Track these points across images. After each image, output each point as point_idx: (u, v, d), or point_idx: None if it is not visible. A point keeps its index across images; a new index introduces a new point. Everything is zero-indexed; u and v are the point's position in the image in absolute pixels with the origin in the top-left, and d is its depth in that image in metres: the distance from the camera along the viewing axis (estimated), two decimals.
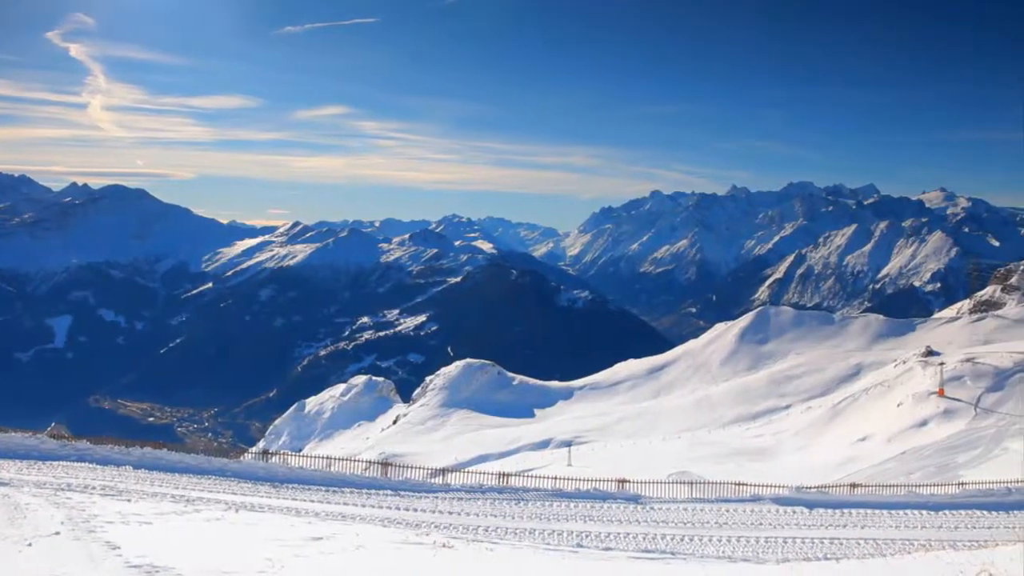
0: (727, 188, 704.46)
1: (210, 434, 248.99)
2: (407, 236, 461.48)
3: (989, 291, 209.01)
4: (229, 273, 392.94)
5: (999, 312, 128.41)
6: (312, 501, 22.10)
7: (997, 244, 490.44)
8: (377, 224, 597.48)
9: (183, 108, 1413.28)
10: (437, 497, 24.39)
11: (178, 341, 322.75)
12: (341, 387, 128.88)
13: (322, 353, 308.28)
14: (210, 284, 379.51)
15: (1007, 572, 8.74)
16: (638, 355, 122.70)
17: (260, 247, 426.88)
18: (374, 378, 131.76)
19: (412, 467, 35.35)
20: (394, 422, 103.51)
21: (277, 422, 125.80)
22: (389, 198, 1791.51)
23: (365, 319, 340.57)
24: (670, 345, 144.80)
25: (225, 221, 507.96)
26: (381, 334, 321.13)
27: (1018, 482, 31.36)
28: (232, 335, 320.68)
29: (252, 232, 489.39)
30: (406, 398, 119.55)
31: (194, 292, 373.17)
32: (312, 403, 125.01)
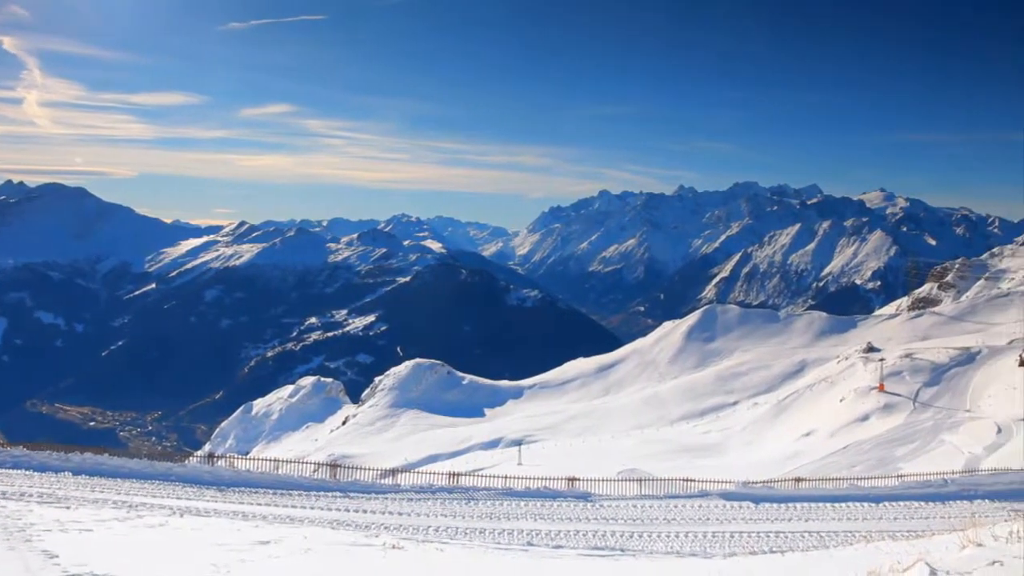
0: (675, 188, 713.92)
1: (154, 438, 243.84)
2: (355, 236, 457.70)
3: (926, 289, 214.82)
4: (173, 273, 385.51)
5: (936, 309, 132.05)
6: (259, 504, 21.75)
7: (934, 243, 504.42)
8: (325, 224, 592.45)
9: (124, 105, 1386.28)
10: (387, 498, 24.21)
11: (120, 343, 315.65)
12: (289, 388, 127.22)
13: (269, 354, 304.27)
14: (153, 285, 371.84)
15: (942, 560, 8.93)
16: (587, 354, 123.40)
17: (205, 247, 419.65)
18: (323, 379, 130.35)
19: (361, 468, 35.04)
20: (343, 423, 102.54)
21: (223, 425, 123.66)
22: (337, 197, 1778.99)
23: (313, 320, 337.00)
24: (619, 343, 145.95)
25: (169, 220, 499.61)
26: (329, 334, 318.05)
27: (954, 473, 32.25)
28: (177, 337, 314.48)
29: (197, 232, 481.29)
30: (355, 399, 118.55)
31: (137, 293, 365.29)
32: (259, 405, 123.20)
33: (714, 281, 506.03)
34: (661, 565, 15.87)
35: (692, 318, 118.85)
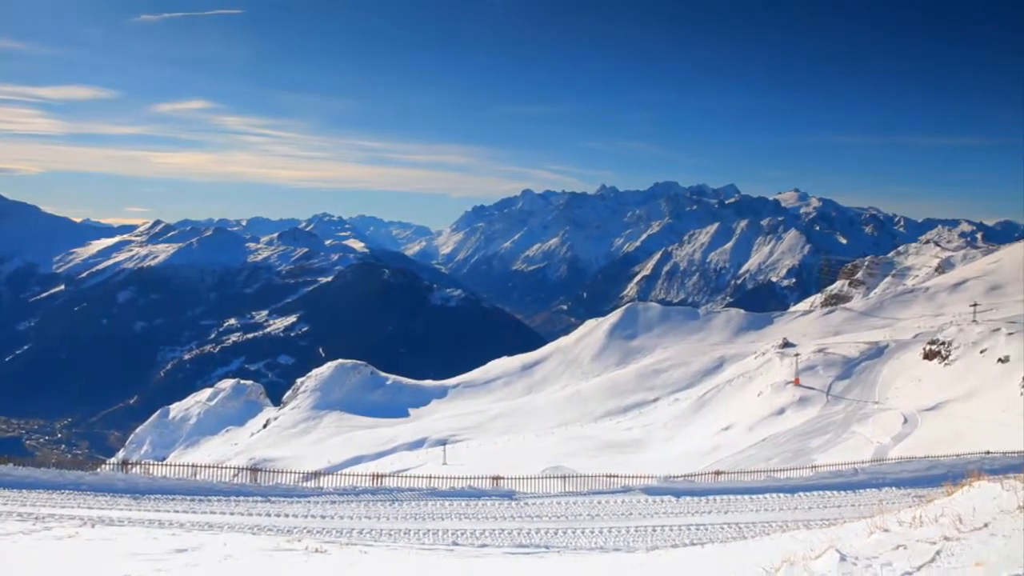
0: (596, 187, 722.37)
1: (63, 446, 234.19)
2: (276, 235, 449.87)
3: (838, 286, 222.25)
4: (84, 275, 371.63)
5: (847, 305, 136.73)
6: (176, 512, 21.16)
7: (845, 241, 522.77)
8: (244, 223, 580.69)
9: (29, 98, 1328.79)
10: (309, 501, 23.84)
11: (26, 347, 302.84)
12: (208, 392, 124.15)
13: (187, 357, 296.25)
14: (62, 286, 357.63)
15: (851, 547, 9.28)
16: (511, 352, 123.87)
17: (118, 247, 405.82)
18: (242, 381, 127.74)
19: (283, 472, 34.43)
20: (264, 426, 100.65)
21: (138, 430, 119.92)
22: (257, 196, 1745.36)
23: (232, 321, 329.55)
24: (543, 342, 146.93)
25: (78, 220, 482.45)
26: (249, 336, 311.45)
27: (864, 463, 33.47)
28: (87, 340, 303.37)
29: (109, 231, 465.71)
30: (276, 401, 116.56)
31: (44, 295, 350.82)
32: (176, 409, 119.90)
33: (636, 279, 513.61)
34: (585, 561, 16.03)
35: (614, 316, 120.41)
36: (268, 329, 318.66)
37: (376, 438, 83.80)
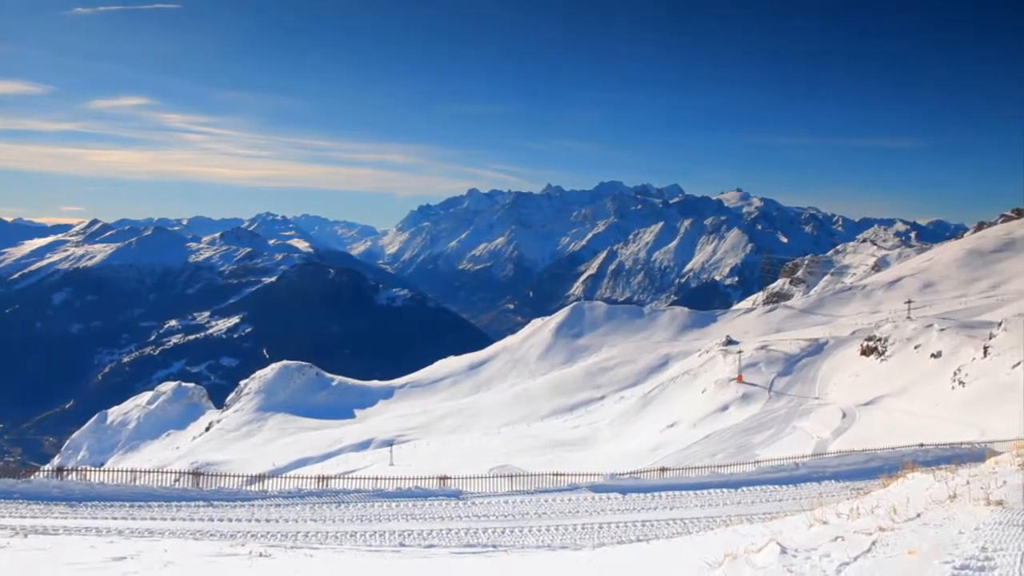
0: (542, 187, 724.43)
1: None
2: (218, 235, 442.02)
3: (779, 284, 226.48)
4: (15, 275, 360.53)
5: (788, 303, 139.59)
6: (115, 519, 20.62)
7: (786, 240, 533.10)
8: (185, 222, 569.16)
9: None
10: (253, 505, 23.48)
11: None
12: (148, 395, 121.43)
13: (125, 360, 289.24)
14: None
15: (792, 539, 9.48)
16: (458, 352, 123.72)
17: (52, 247, 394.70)
18: (184, 384, 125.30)
19: (226, 475, 33.86)
20: (207, 429, 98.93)
21: (75, 436, 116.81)
22: (198, 195, 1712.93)
23: (173, 322, 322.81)
24: (489, 341, 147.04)
25: (9, 219, 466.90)
26: (191, 337, 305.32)
27: (804, 457, 34.19)
28: (20, 343, 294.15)
29: (42, 231, 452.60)
30: (219, 404, 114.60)
31: None
32: (115, 413, 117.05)
33: (581, 278, 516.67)
34: (532, 559, 16.08)
35: (560, 315, 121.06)
36: (210, 330, 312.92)
37: (322, 440, 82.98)
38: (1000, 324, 59.44)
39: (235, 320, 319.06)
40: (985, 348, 56.42)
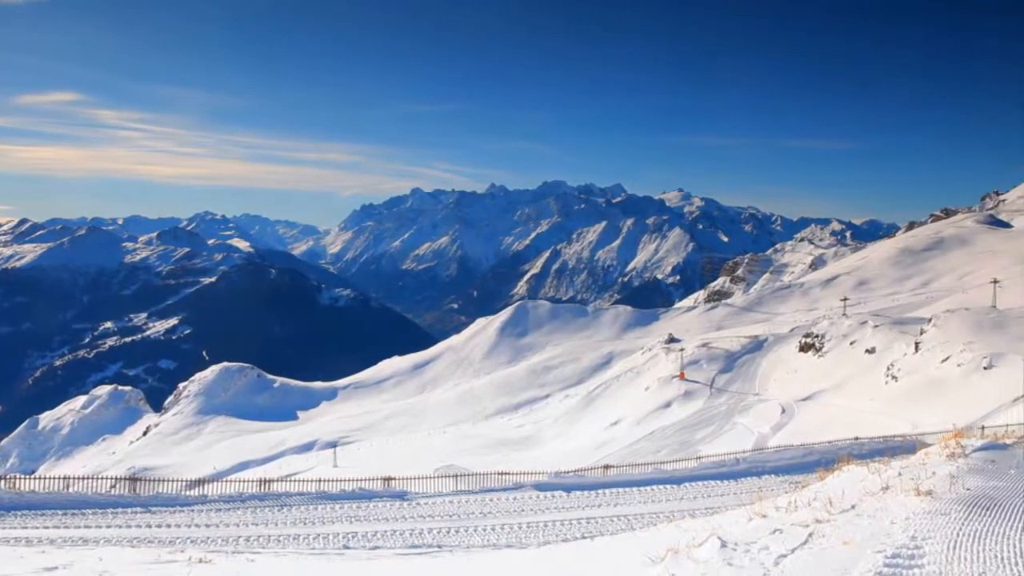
0: (486, 186, 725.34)
1: None
2: (155, 234, 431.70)
3: (720, 282, 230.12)
4: None
5: (729, 301, 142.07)
6: (46, 528, 20.00)
7: (726, 240, 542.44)
8: (120, 221, 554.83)
9: None
10: (193, 510, 23.03)
11: None
12: (82, 399, 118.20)
13: (58, 363, 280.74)
14: None
15: (732, 533, 9.65)
16: (402, 352, 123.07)
17: None
18: (120, 388, 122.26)
19: (165, 480, 33.10)
20: (144, 434, 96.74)
21: (4, 442, 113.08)
22: (134, 194, 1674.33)
23: (108, 324, 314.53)
24: (433, 341, 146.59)
25: None
26: (127, 340, 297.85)
27: (745, 452, 34.80)
28: None
29: None
30: (157, 407, 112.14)
31: None
32: (47, 419, 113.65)
33: (525, 278, 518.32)
34: (477, 559, 16.09)
35: (504, 314, 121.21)
36: (148, 332, 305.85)
37: (264, 442, 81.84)
38: (930, 320, 61.34)
39: (173, 321, 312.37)
40: (916, 344, 58.14)
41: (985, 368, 48.97)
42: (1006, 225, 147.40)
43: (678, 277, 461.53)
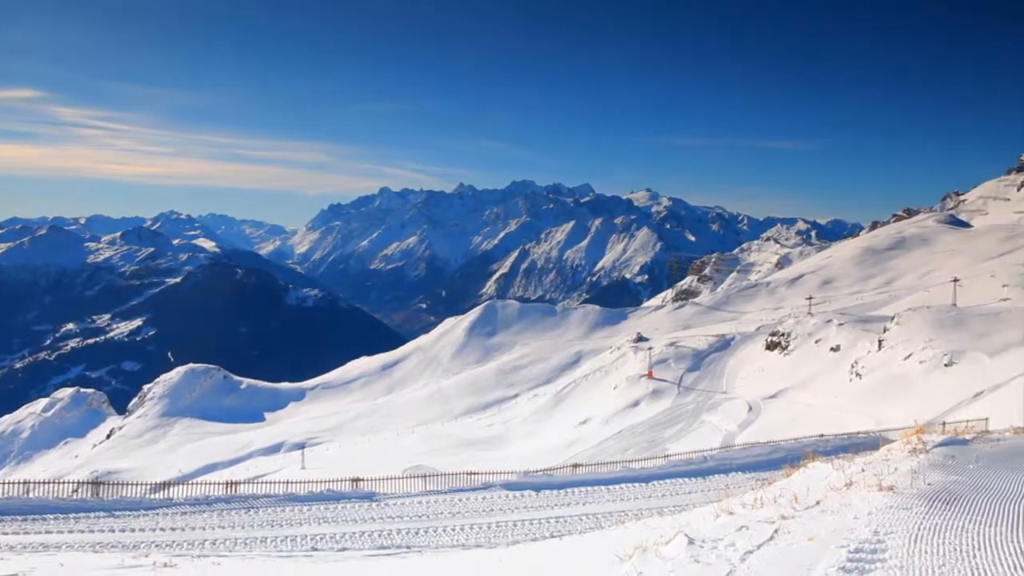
0: (455, 186, 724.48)
1: None
2: (119, 234, 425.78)
3: (687, 281, 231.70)
4: None
5: (696, 300, 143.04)
6: (5, 534, 19.59)
7: (694, 239, 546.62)
8: (83, 221, 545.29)
9: None
10: (158, 514, 22.70)
11: None
12: (43, 402, 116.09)
13: (18, 365, 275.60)
14: None
15: (699, 530, 9.74)
16: (371, 352, 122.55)
17: None
18: (83, 390, 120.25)
19: (129, 484, 32.65)
20: (108, 437, 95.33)
21: None
22: (97, 193, 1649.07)
23: (71, 326, 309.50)
24: (402, 341, 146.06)
25: None
26: (90, 341, 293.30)
27: (712, 450, 35.08)
28: None
29: None
30: (121, 410, 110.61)
31: None
32: (7, 422, 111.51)
33: (494, 277, 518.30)
34: (447, 559, 16.05)
35: (473, 314, 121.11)
36: (111, 334, 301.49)
37: (230, 444, 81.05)
38: (893, 319, 62.28)
39: (138, 323, 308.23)
40: (880, 341, 59.03)
41: (946, 365, 49.85)
42: (966, 225, 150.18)
43: (646, 276, 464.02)
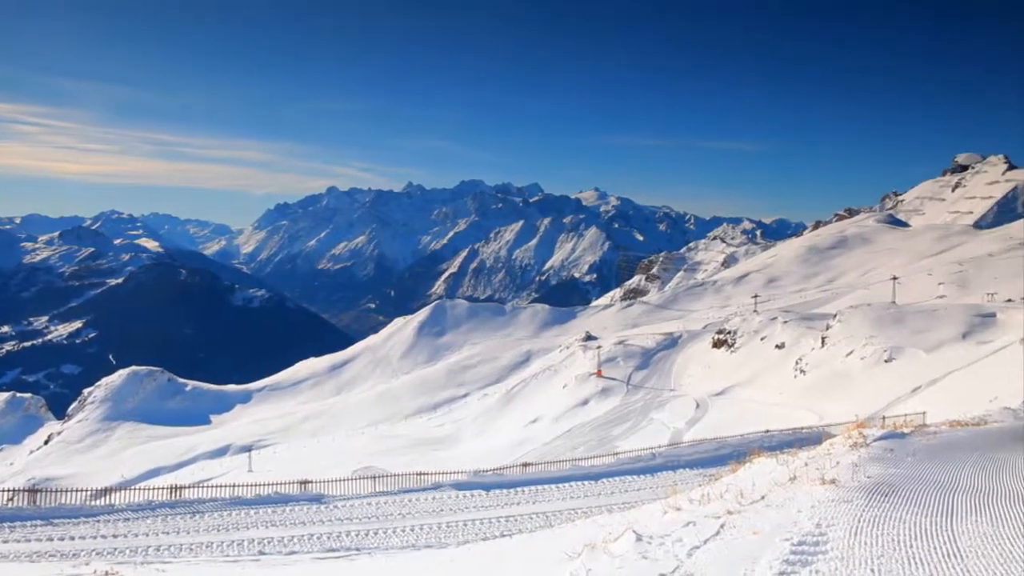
0: (403, 185, 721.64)
1: None
2: (57, 234, 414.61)
3: (636, 280, 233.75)
4: None
5: (644, 298, 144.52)
6: None
7: (642, 238, 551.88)
8: (18, 220, 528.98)
9: None
10: (99, 521, 22.15)
11: None
12: None
13: None
14: None
15: (647, 527, 9.84)
16: (319, 353, 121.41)
17: None
18: (19, 394, 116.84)
19: (69, 491, 31.84)
20: (46, 442, 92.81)
21: None
22: (33, 191, 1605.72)
23: (6, 328, 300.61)
24: (351, 341, 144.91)
25: None
26: (27, 344, 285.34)
27: (660, 447, 35.46)
28: None
29: None
30: (60, 414, 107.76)
31: None
32: None
33: (443, 277, 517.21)
34: (396, 560, 15.98)
35: (422, 314, 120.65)
36: (49, 336, 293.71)
37: (175, 448, 79.58)
38: (835, 316, 63.68)
39: (77, 325, 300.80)
40: (823, 339, 60.32)
41: (886, 361, 51.17)
42: (904, 224, 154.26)
43: (595, 275, 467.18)
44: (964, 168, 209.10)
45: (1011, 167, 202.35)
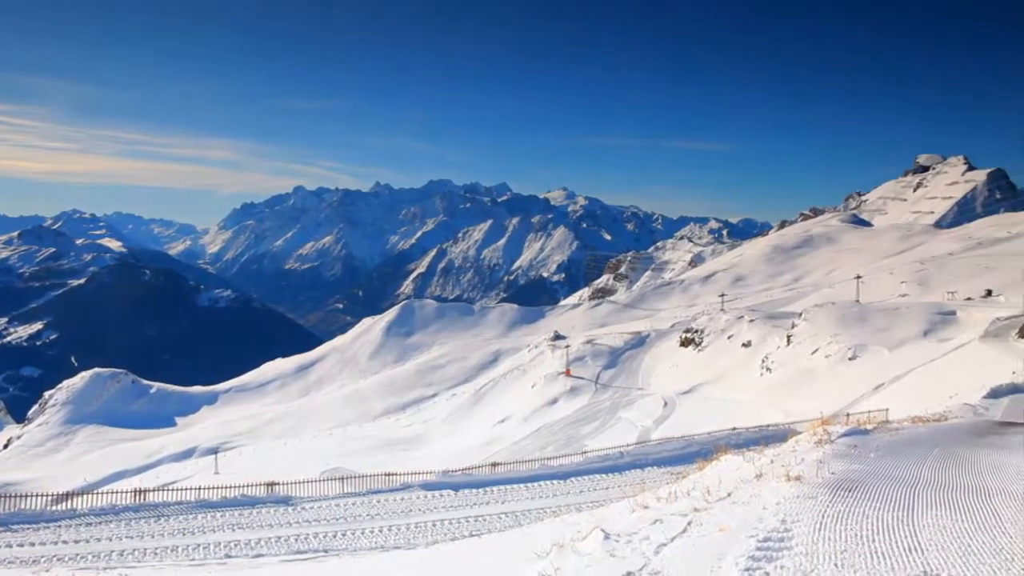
0: (371, 185, 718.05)
1: None
2: (16, 234, 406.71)
3: (604, 279, 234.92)
4: None
5: (612, 298, 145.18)
6: None
7: (610, 238, 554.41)
8: None
9: None
10: (60, 526, 21.77)
11: None
12: None
13: None
14: None
15: (615, 525, 9.90)
16: (286, 353, 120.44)
17: None
18: None
19: (28, 496, 31.25)
20: (5, 446, 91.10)
21: None
22: None
23: None
24: (319, 341, 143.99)
25: None
26: None
27: (629, 446, 35.64)
28: None
29: None
30: (20, 418, 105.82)
31: None
32: None
33: (411, 277, 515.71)
34: (365, 561, 15.90)
35: (390, 314, 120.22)
36: (8, 338, 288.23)
37: (140, 451, 78.54)
38: (800, 315, 64.46)
39: (38, 326, 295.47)
40: (788, 337, 61.01)
41: (850, 359, 51.88)
42: (867, 224, 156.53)
43: (563, 275, 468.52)
44: (925, 169, 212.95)
45: (970, 168, 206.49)
